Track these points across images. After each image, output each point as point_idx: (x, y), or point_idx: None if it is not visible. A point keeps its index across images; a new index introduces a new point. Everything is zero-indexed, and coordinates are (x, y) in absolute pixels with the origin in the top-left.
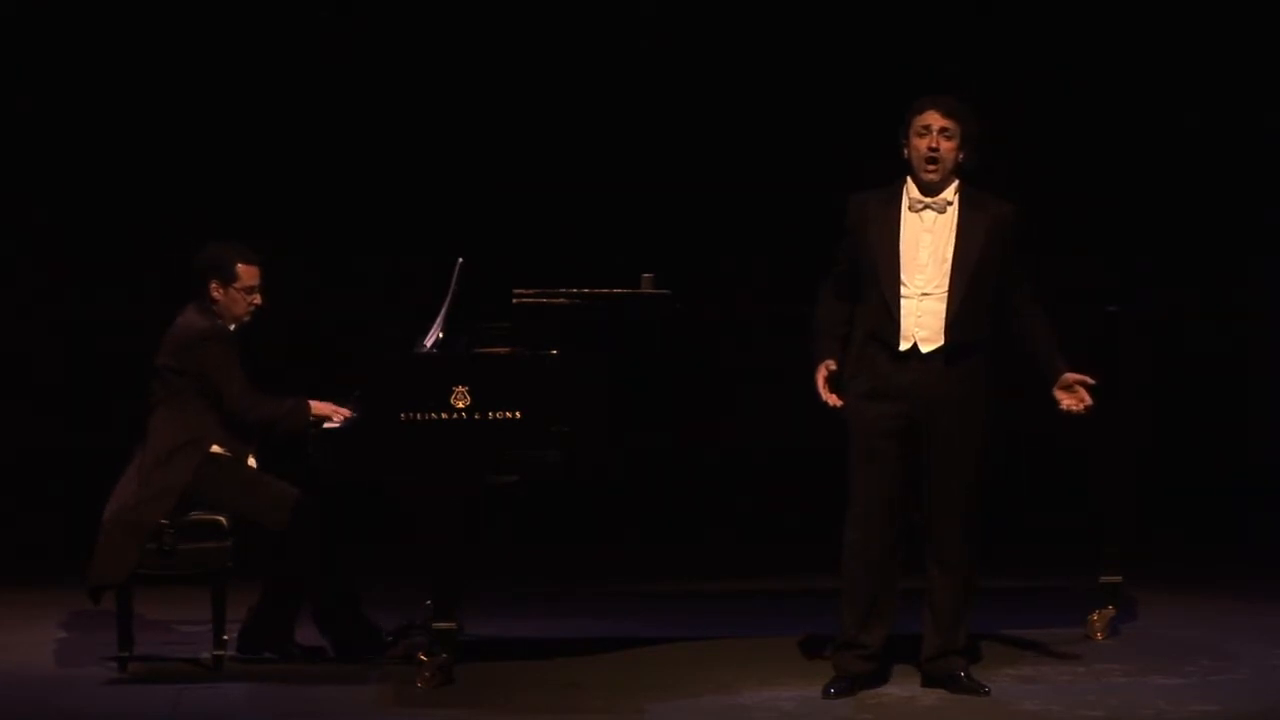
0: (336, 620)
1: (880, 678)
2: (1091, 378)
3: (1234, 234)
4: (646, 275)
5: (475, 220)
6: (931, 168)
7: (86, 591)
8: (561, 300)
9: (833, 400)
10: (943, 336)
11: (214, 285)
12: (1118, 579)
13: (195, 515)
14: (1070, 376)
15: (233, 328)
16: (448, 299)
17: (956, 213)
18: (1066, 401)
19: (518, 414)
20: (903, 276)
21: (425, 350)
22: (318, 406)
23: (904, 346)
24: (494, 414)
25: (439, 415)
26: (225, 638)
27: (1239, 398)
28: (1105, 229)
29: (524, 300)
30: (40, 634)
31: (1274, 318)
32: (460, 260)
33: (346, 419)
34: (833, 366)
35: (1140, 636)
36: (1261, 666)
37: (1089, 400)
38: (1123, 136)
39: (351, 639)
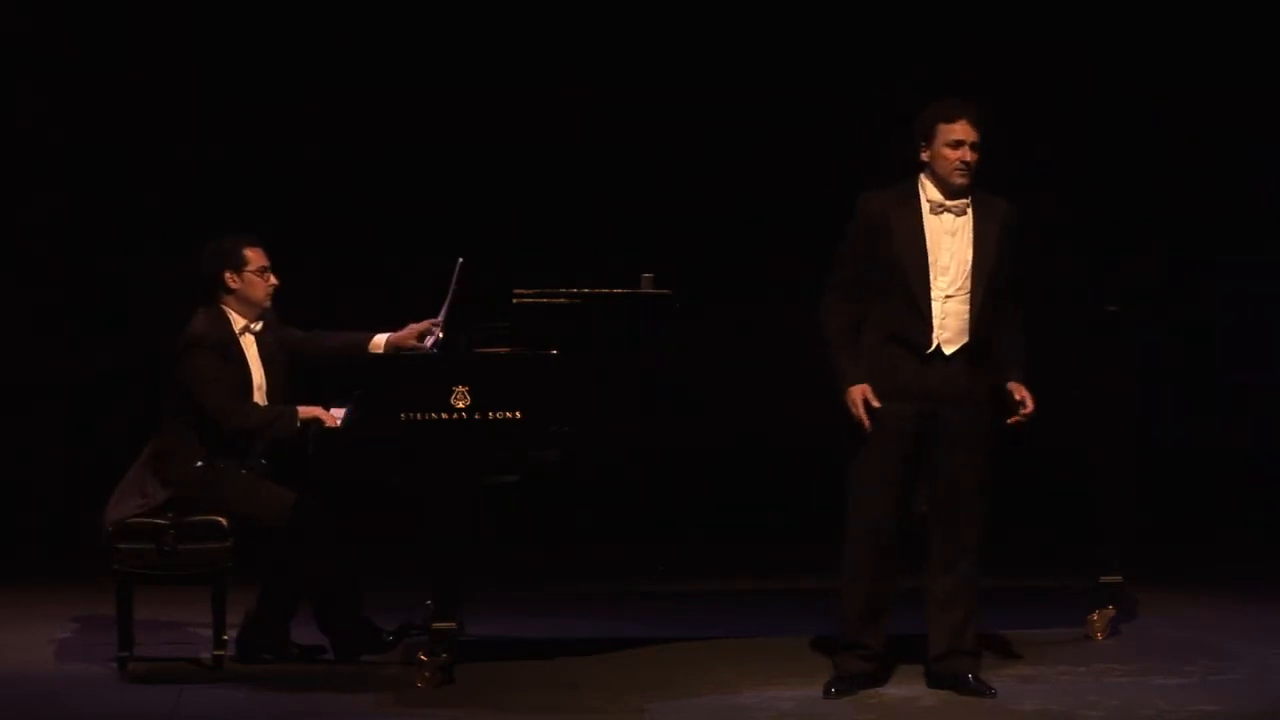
0: (337, 620)
1: (881, 678)
2: (1099, 376)
3: (1230, 233)
4: (646, 275)
5: (475, 220)
6: (963, 178)
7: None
8: (561, 300)
9: (868, 422)
10: (965, 337)
11: (229, 276)
12: (1118, 579)
13: (195, 516)
14: (1013, 388)
15: (259, 326)
16: (448, 299)
17: (972, 215)
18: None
19: (518, 414)
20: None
21: (425, 350)
22: (305, 412)
23: (930, 348)
24: (494, 414)
25: (439, 415)
26: (225, 638)
27: (1237, 396)
28: (1104, 229)
29: (524, 300)
30: (40, 634)
31: (1269, 315)
32: (460, 260)
33: (345, 418)
34: (869, 391)
35: (1140, 636)
36: (1261, 666)
37: (1021, 415)
38: (1121, 136)
39: (351, 639)
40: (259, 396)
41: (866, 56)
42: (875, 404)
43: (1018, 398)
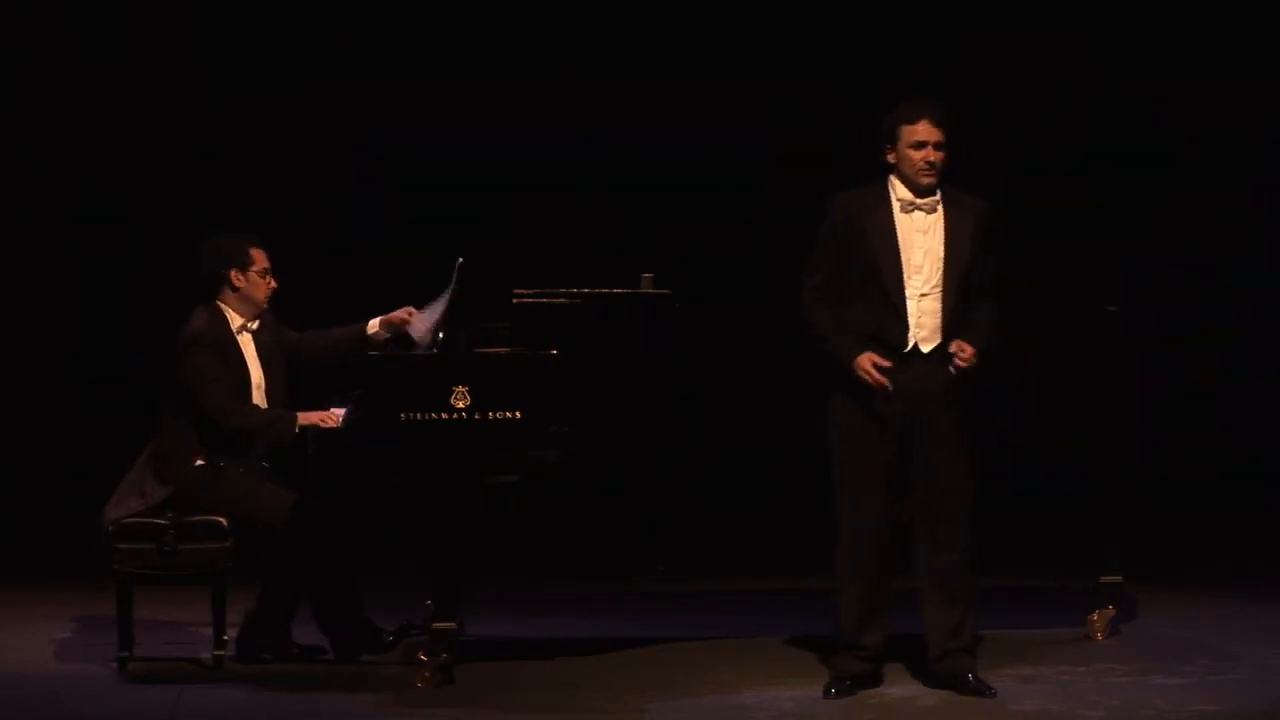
0: (337, 620)
1: (881, 678)
2: (1099, 376)
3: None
4: (646, 275)
5: (475, 220)
6: (929, 178)
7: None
8: (561, 300)
9: (886, 382)
10: (940, 335)
11: (234, 275)
12: (1118, 579)
13: (195, 516)
14: (953, 342)
15: (255, 325)
16: (448, 298)
17: (943, 212)
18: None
19: (518, 414)
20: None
21: (418, 336)
22: (305, 418)
23: (908, 347)
24: (494, 414)
25: (439, 415)
26: (225, 638)
27: (1236, 395)
28: (1104, 229)
29: (524, 300)
30: (40, 634)
31: (1266, 315)
32: (460, 260)
33: (345, 418)
34: (876, 356)
35: (1140, 636)
36: (1261, 666)
37: (959, 361)
38: (1122, 135)
39: (351, 639)
40: (258, 396)
41: (866, 56)
42: (886, 364)
43: (952, 349)
